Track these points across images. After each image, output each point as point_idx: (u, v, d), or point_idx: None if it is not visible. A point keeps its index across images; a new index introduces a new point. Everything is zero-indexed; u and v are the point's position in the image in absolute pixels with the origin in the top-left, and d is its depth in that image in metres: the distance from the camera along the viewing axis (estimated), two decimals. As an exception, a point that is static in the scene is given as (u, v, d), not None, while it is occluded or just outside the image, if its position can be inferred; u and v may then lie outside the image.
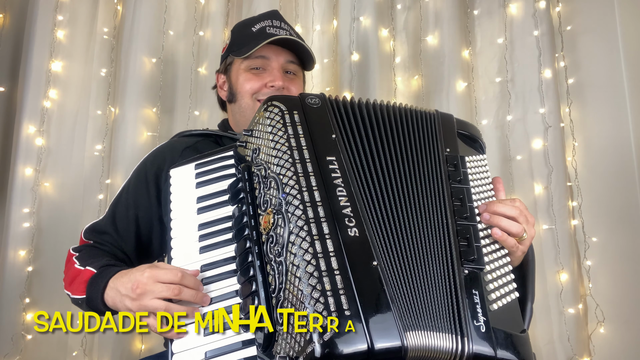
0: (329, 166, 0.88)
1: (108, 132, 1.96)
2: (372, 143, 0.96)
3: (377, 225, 0.85)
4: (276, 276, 0.80)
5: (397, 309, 0.75)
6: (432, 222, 0.90)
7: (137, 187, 1.20)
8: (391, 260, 0.82)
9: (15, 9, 2.12)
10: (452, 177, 0.97)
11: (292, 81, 1.30)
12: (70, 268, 1.09)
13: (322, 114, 0.96)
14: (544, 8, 1.89)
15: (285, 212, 0.82)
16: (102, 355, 1.79)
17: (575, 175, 1.84)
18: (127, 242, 1.17)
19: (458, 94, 1.89)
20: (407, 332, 0.74)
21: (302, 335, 0.72)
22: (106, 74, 2.01)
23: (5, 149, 2.02)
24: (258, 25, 1.31)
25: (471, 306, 0.81)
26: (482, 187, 1.02)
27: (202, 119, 1.97)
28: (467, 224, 0.91)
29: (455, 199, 0.95)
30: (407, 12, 2.02)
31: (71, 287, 1.06)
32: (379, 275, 0.77)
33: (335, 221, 0.81)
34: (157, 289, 0.87)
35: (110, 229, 1.17)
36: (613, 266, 1.79)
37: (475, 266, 0.86)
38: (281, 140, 0.90)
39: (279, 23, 1.32)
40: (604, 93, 1.87)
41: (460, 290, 0.82)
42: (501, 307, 0.85)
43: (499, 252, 0.94)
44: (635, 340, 1.74)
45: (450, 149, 1.01)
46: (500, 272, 0.90)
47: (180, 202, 1.02)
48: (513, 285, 0.90)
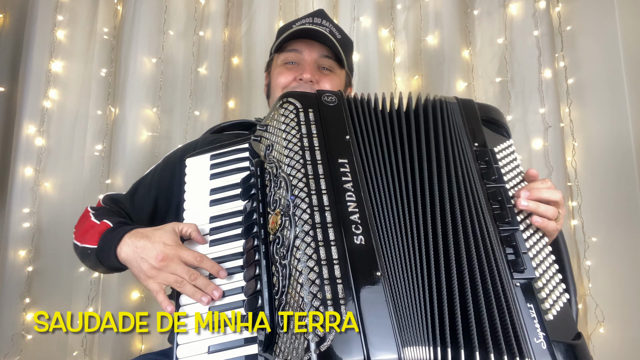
0: (340, 169, 0.85)
1: (108, 132, 1.96)
2: (389, 145, 0.91)
3: (386, 233, 0.81)
4: (280, 278, 0.79)
5: (398, 322, 0.73)
6: (465, 231, 0.83)
7: (164, 171, 1.22)
8: (395, 271, 0.78)
9: (15, 9, 2.12)
10: (486, 176, 0.90)
11: (326, 77, 1.27)
12: (85, 221, 1.10)
13: (337, 113, 0.93)
14: (544, 8, 1.89)
15: (293, 215, 0.81)
16: (102, 355, 1.79)
17: (575, 175, 1.84)
18: (141, 218, 1.18)
19: (458, 94, 1.89)
20: (405, 347, 0.71)
21: (301, 343, 0.72)
22: (106, 74, 2.01)
23: (5, 149, 2.01)
24: (299, 23, 1.31)
25: (528, 321, 0.76)
26: (513, 175, 0.94)
27: (202, 119, 1.97)
28: (511, 229, 0.84)
29: (493, 201, 0.87)
30: (407, 12, 2.02)
31: (84, 236, 1.06)
32: (381, 287, 0.75)
33: (342, 227, 0.78)
34: (179, 268, 0.89)
35: (127, 202, 1.20)
36: (613, 266, 1.79)
37: (527, 277, 0.80)
38: (294, 140, 0.88)
39: (319, 20, 1.31)
40: (603, 93, 1.87)
41: (513, 305, 0.76)
42: (557, 315, 0.79)
43: (543, 251, 0.87)
44: (635, 340, 1.74)
45: (478, 142, 0.94)
46: (549, 274, 0.84)
47: (193, 192, 1.02)
48: (563, 286, 0.84)
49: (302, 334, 0.72)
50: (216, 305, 0.87)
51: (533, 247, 0.86)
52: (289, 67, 1.28)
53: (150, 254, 0.92)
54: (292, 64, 1.28)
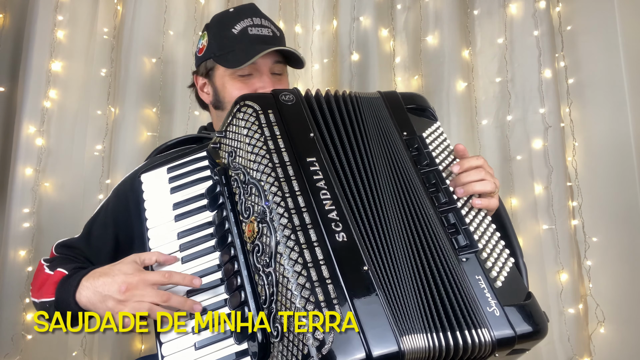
0: (310, 168, 0.85)
1: (108, 132, 1.96)
2: (346, 139, 0.93)
3: (362, 227, 0.82)
4: (266, 287, 0.78)
5: (392, 314, 0.74)
6: (414, 217, 0.87)
7: (117, 205, 1.15)
8: (380, 263, 0.79)
9: (15, 9, 2.12)
10: (419, 162, 0.93)
11: (280, 82, 1.23)
12: (39, 275, 1.05)
13: (297, 111, 0.93)
14: (544, 8, 1.89)
15: (270, 221, 0.79)
16: (102, 355, 1.79)
17: (575, 175, 1.84)
18: (101, 260, 1.09)
19: (458, 94, 1.89)
20: (402, 337, 0.72)
21: (300, 349, 0.71)
22: (106, 74, 2.01)
23: (5, 149, 2.01)
24: (238, 26, 1.21)
25: (479, 292, 0.79)
26: (445, 156, 0.99)
27: (202, 118, 1.96)
28: (449, 208, 0.88)
29: (429, 185, 0.91)
30: (407, 12, 2.02)
31: (40, 291, 1.00)
32: (370, 281, 0.75)
33: (322, 227, 0.78)
34: (147, 292, 0.85)
35: (82, 246, 1.14)
36: (613, 266, 1.79)
37: (470, 251, 0.84)
38: (258, 144, 0.87)
39: (259, 20, 1.23)
40: (604, 93, 1.87)
41: (463, 279, 0.80)
42: (505, 281, 0.83)
43: (483, 222, 0.91)
44: (635, 340, 1.74)
45: (406, 131, 0.98)
46: (492, 243, 0.88)
47: (155, 210, 0.97)
48: (506, 251, 0.88)
49: (300, 340, 0.71)
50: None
51: (473, 220, 0.90)
52: (243, 80, 1.20)
53: (112, 289, 0.86)
54: (245, 76, 1.20)
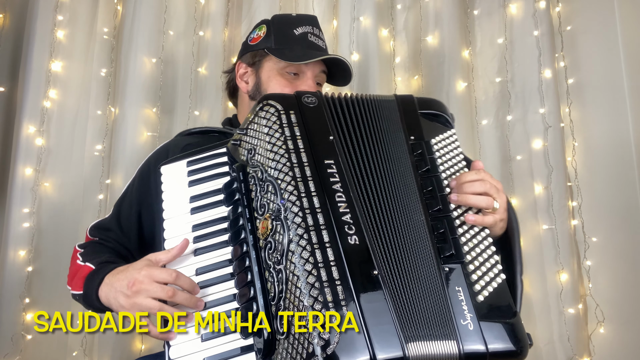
0: (328, 170, 0.86)
1: (108, 132, 1.96)
2: (362, 143, 0.94)
3: (375, 231, 0.83)
4: (275, 284, 0.79)
5: (399, 319, 0.75)
6: (413, 222, 0.87)
7: (141, 185, 1.20)
8: (390, 267, 0.80)
9: (15, 9, 2.12)
10: (419, 167, 0.94)
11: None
12: (73, 264, 1.09)
13: (319, 113, 0.94)
14: (544, 8, 1.89)
15: (284, 220, 0.80)
16: (102, 355, 1.79)
17: (575, 175, 1.84)
18: (131, 240, 1.17)
19: (458, 94, 1.89)
20: (408, 343, 0.73)
21: (305, 347, 0.72)
22: (106, 74, 2.01)
23: (5, 149, 2.01)
24: (300, 29, 1.27)
25: (456, 304, 0.79)
26: (453, 163, 0.98)
27: (202, 118, 1.97)
28: (440, 216, 0.88)
29: (425, 191, 0.91)
30: (407, 12, 2.02)
31: (72, 282, 1.05)
32: (380, 285, 0.76)
33: (335, 228, 0.79)
34: (152, 288, 0.86)
35: (114, 226, 1.18)
36: (613, 266, 1.79)
37: (454, 261, 0.83)
38: (278, 143, 0.88)
39: (318, 32, 1.30)
40: (603, 93, 1.88)
41: (443, 290, 0.80)
42: (488, 296, 0.82)
43: (479, 235, 0.90)
44: (635, 340, 1.74)
45: (414, 135, 0.98)
46: (483, 257, 0.87)
47: (172, 201, 0.99)
48: (498, 267, 0.87)
49: (306, 338, 0.72)
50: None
51: (467, 231, 0.89)
52: (289, 79, 1.24)
53: (122, 284, 0.89)
54: (292, 75, 1.24)
